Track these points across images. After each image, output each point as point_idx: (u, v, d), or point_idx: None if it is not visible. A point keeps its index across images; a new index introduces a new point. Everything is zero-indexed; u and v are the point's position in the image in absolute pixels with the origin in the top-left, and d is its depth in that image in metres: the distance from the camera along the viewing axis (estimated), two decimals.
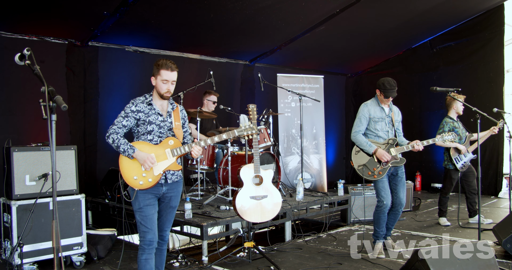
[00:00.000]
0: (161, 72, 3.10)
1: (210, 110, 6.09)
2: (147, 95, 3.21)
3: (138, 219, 3.08)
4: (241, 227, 4.72)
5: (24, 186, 3.93)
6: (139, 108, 3.11)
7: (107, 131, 3.06)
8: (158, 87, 3.12)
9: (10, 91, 5.32)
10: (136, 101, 3.15)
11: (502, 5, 7.89)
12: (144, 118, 3.10)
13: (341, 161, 9.71)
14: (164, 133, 3.16)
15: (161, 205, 3.19)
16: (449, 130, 5.57)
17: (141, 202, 3.06)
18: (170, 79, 3.12)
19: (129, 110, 3.10)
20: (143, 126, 3.11)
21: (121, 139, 3.02)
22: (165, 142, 3.13)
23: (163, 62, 3.10)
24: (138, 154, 3.02)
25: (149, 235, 3.05)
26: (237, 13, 5.91)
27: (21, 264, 3.78)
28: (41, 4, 4.89)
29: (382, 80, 4.34)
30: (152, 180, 3.05)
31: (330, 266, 4.18)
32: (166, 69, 3.10)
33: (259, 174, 3.88)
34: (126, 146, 3.00)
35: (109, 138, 3.04)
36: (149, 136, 3.12)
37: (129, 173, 3.04)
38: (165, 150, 3.11)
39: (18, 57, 2.10)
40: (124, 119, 3.09)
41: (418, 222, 6.03)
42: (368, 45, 8.30)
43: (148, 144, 3.10)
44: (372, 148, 4.31)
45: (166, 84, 3.12)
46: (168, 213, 3.23)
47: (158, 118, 3.15)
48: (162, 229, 3.23)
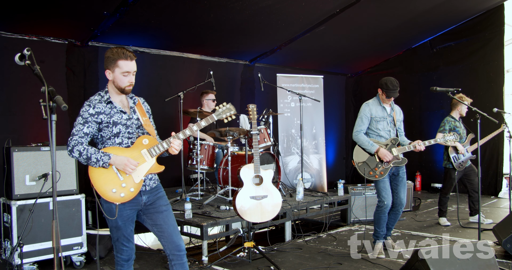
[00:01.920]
0: (119, 63, 2.64)
1: (211, 109, 6.09)
2: (101, 93, 2.72)
3: (114, 237, 2.71)
4: (241, 227, 4.72)
5: (24, 186, 3.93)
6: (98, 110, 2.64)
7: (67, 145, 2.60)
8: (118, 81, 2.67)
9: (10, 91, 5.32)
10: (92, 101, 2.66)
11: (502, 5, 7.89)
12: (107, 120, 2.65)
13: (341, 161, 9.71)
14: (134, 133, 2.74)
15: (153, 216, 2.76)
16: (450, 129, 5.58)
17: (119, 218, 2.64)
18: (131, 70, 2.68)
19: (87, 114, 2.61)
20: (107, 129, 2.66)
21: (89, 148, 2.57)
22: (139, 142, 2.71)
23: (119, 51, 2.65)
24: (115, 160, 2.58)
25: (127, 252, 2.74)
26: (237, 13, 5.91)
27: (21, 264, 3.77)
28: (41, 4, 4.89)
29: (384, 80, 4.33)
30: (134, 190, 2.64)
31: (330, 266, 4.17)
32: (125, 59, 2.65)
33: (259, 174, 3.88)
34: (98, 154, 2.57)
35: (74, 152, 2.57)
36: (117, 139, 2.68)
37: (105, 186, 2.59)
38: (141, 151, 2.69)
39: (18, 57, 2.10)
40: (83, 126, 2.61)
41: (418, 222, 6.03)
42: (368, 45, 8.29)
43: (119, 148, 2.67)
44: (374, 147, 4.31)
45: (128, 76, 2.68)
46: (166, 216, 2.77)
47: (122, 116, 2.71)
48: (172, 240, 2.74)
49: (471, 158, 5.71)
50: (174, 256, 2.75)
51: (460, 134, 5.62)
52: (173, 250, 2.75)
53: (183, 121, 5.56)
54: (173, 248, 2.74)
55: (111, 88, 2.74)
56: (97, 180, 2.61)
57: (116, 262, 2.77)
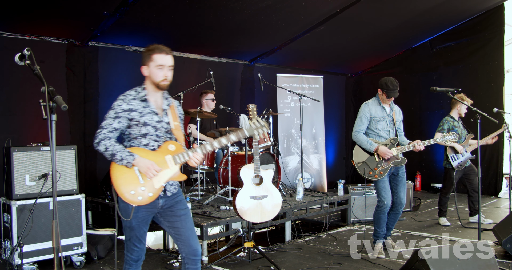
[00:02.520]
0: (153, 57, 2.61)
1: (211, 108, 6.09)
2: (138, 89, 2.68)
3: (127, 236, 2.67)
4: (241, 227, 4.71)
5: (24, 186, 3.93)
6: (131, 106, 2.60)
7: (95, 137, 2.58)
8: (153, 75, 2.62)
9: (10, 91, 5.32)
10: (126, 97, 2.62)
11: (502, 5, 7.89)
12: (138, 119, 2.60)
13: (341, 161, 9.71)
14: (162, 136, 2.68)
15: (170, 218, 2.71)
16: (449, 128, 5.59)
17: (134, 219, 2.61)
18: (166, 64, 2.62)
19: (120, 109, 2.59)
20: (137, 128, 2.61)
21: (116, 145, 2.55)
22: (165, 147, 2.66)
23: (154, 46, 2.63)
24: (139, 161, 2.54)
25: (137, 253, 2.71)
26: (237, 13, 5.91)
27: (21, 264, 3.77)
28: (41, 4, 4.89)
29: (384, 80, 4.33)
30: (152, 195, 2.60)
31: (330, 266, 4.17)
32: (160, 53, 2.61)
33: (259, 174, 3.88)
34: (124, 153, 2.53)
35: (100, 145, 2.55)
36: (143, 140, 2.63)
37: (125, 187, 2.56)
38: (165, 157, 2.63)
39: (18, 57, 2.10)
40: (114, 120, 2.58)
41: (418, 222, 6.03)
42: (368, 45, 8.29)
43: (144, 150, 2.61)
44: (373, 146, 4.31)
45: (162, 70, 2.62)
46: (183, 220, 2.71)
47: (153, 118, 2.65)
48: (190, 244, 2.68)
49: (471, 158, 5.71)
50: (190, 260, 2.71)
51: (459, 134, 5.62)
52: (189, 254, 2.70)
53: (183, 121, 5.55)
54: (189, 252, 2.70)
55: (148, 84, 2.69)
56: (118, 179, 2.57)
57: (125, 261, 2.75)
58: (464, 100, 5.28)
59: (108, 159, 2.59)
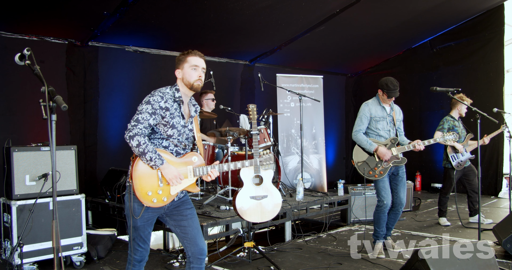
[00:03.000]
0: (188, 59, 2.68)
1: (211, 108, 6.09)
2: (173, 89, 2.66)
3: (131, 236, 2.66)
4: (241, 227, 4.71)
5: (24, 186, 3.93)
6: (168, 105, 2.58)
7: (129, 129, 2.49)
8: (187, 76, 2.66)
9: (10, 91, 5.32)
10: (165, 94, 2.59)
11: (502, 5, 7.90)
12: (168, 119, 2.58)
13: (341, 161, 9.71)
14: (182, 142, 2.69)
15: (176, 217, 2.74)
16: (449, 128, 5.59)
17: (139, 219, 2.62)
18: (201, 65, 2.70)
19: (158, 105, 2.54)
20: (163, 128, 2.59)
21: (148, 144, 2.49)
22: (189, 157, 2.70)
23: (189, 51, 2.72)
24: (166, 168, 2.55)
25: (141, 253, 2.72)
26: (237, 13, 5.91)
27: (21, 264, 3.77)
28: (41, 4, 4.89)
29: (384, 80, 4.33)
30: (166, 200, 2.62)
31: (330, 266, 4.17)
32: (194, 56, 2.71)
33: (259, 174, 3.88)
34: (155, 155, 2.50)
35: (133, 140, 2.46)
36: (165, 142, 2.63)
37: (144, 187, 2.55)
38: (187, 167, 2.68)
39: (18, 57, 2.10)
40: (151, 116, 2.52)
41: (418, 222, 6.03)
42: (368, 45, 8.29)
43: (170, 155, 2.63)
44: (373, 146, 4.31)
45: (197, 71, 2.68)
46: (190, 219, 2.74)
47: (180, 122, 2.64)
48: (196, 243, 2.71)
49: (470, 158, 5.71)
50: (195, 259, 2.72)
51: (459, 134, 5.62)
52: (195, 253, 2.72)
53: None
54: (195, 251, 2.72)
55: (181, 87, 2.70)
56: (139, 177, 2.54)
57: (128, 261, 2.75)
58: (464, 100, 5.29)
59: (135, 153, 2.53)
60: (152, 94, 2.59)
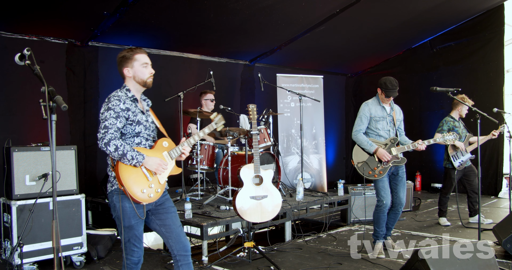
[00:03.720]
0: (136, 57, 2.71)
1: (210, 109, 6.09)
2: (123, 90, 2.73)
3: (126, 237, 2.65)
4: (241, 227, 4.72)
5: (24, 186, 3.93)
6: (127, 106, 2.65)
7: (101, 137, 2.54)
8: (140, 74, 2.72)
9: (10, 91, 5.32)
10: (121, 97, 2.66)
11: (502, 5, 7.89)
12: (132, 118, 2.66)
13: (341, 161, 9.71)
14: (151, 135, 2.79)
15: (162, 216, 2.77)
16: (449, 129, 5.59)
17: (132, 218, 2.61)
18: (149, 62, 2.75)
19: (119, 108, 2.60)
20: (130, 127, 2.66)
21: (125, 145, 2.55)
22: (159, 145, 2.77)
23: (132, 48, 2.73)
24: (148, 160, 2.60)
25: (138, 253, 2.70)
26: (237, 13, 5.91)
27: (21, 264, 3.78)
28: (41, 4, 4.89)
29: (384, 80, 4.34)
30: (160, 190, 2.68)
31: (330, 266, 4.17)
32: (142, 53, 2.73)
33: (259, 174, 3.88)
34: (134, 152, 2.55)
35: (110, 146, 2.51)
36: (136, 139, 2.70)
37: (135, 186, 2.57)
38: (162, 153, 2.75)
39: (18, 57, 2.10)
40: (117, 120, 2.58)
41: (418, 222, 6.03)
42: (368, 45, 8.29)
43: (144, 149, 2.69)
44: (373, 147, 4.31)
45: (148, 68, 2.74)
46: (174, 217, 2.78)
47: (142, 117, 2.73)
48: (181, 240, 2.74)
49: (471, 158, 5.71)
50: (181, 257, 2.74)
51: (460, 134, 5.62)
52: (180, 250, 2.74)
53: (183, 121, 5.57)
54: (180, 248, 2.74)
55: (132, 86, 2.76)
56: (127, 180, 2.56)
57: (125, 266, 2.71)
58: (465, 101, 5.28)
59: (115, 158, 2.56)
60: (109, 100, 2.65)
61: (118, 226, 2.67)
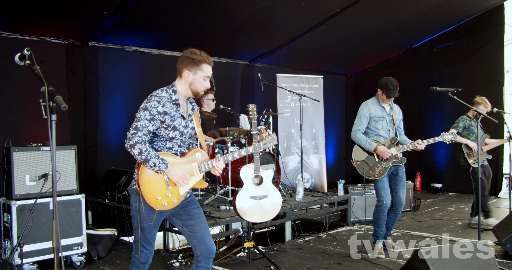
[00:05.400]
0: (203, 67, 2.63)
1: (211, 108, 6.09)
2: (169, 91, 2.60)
3: (136, 237, 2.62)
4: (241, 227, 4.72)
5: (24, 186, 3.93)
6: (166, 109, 2.54)
7: (129, 138, 2.47)
8: (197, 85, 2.63)
9: (10, 91, 5.32)
10: (161, 99, 2.53)
11: (502, 5, 7.90)
12: (169, 123, 2.55)
13: (341, 161, 9.71)
14: (185, 142, 2.67)
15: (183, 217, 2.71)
16: (464, 127, 5.60)
17: (145, 221, 2.58)
18: (210, 75, 2.68)
19: (156, 111, 2.50)
20: (165, 131, 2.57)
21: (150, 151, 2.47)
22: (192, 155, 2.67)
23: (203, 55, 2.64)
24: (171, 170, 2.53)
25: (146, 255, 2.68)
26: (237, 13, 5.91)
27: (21, 264, 3.78)
28: (41, 4, 4.89)
29: (384, 80, 4.33)
30: (177, 201, 2.60)
31: (330, 266, 4.17)
32: (209, 64, 2.66)
33: (259, 174, 3.88)
34: (158, 160, 2.48)
35: (135, 148, 2.44)
36: (168, 143, 2.61)
37: (153, 192, 2.52)
38: (192, 164, 2.65)
39: (18, 57, 2.10)
40: (150, 123, 2.48)
41: (418, 222, 6.03)
42: (368, 45, 8.29)
43: (173, 156, 2.61)
44: (372, 146, 4.31)
45: (207, 81, 2.65)
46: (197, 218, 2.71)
47: (181, 122, 2.61)
48: (205, 241, 2.67)
49: (487, 157, 5.67)
50: (204, 258, 2.68)
51: (475, 134, 5.60)
52: (204, 252, 2.68)
53: None
54: (204, 250, 2.68)
55: (182, 89, 2.66)
56: (146, 183, 2.51)
57: (132, 263, 2.70)
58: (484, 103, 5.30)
59: (138, 161, 2.51)
60: (149, 100, 2.54)
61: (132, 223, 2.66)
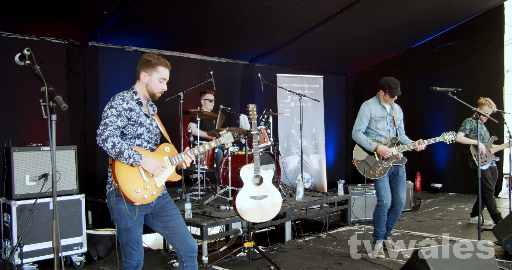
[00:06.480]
0: (159, 69, 2.71)
1: (209, 109, 6.10)
2: (129, 92, 2.72)
3: (123, 240, 2.62)
4: (241, 227, 4.72)
5: (24, 186, 3.93)
6: (131, 106, 2.64)
7: (100, 134, 2.52)
8: (153, 86, 2.72)
9: (10, 91, 5.32)
10: (125, 97, 2.65)
11: (502, 5, 7.90)
12: (135, 119, 2.65)
13: (341, 161, 9.71)
14: (153, 139, 2.78)
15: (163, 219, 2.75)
16: (471, 129, 5.55)
17: (129, 220, 2.59)
18: (167, 78, 2.76)
19: (121, 107, 2.59)
20: (132, 128, 2.65)
21: (123, 143, 2.53)
22: (161, 149, 2.76)
23: (160, 58, 2.72)
24: (146, 161, 2.58)
25: (137, 257, 2.66)
26: (237, 13, 5.91)
27: (21, 264, 3.78)
28: (41, 4, 4.89)
29: (385, 80, 4.33)
30: (155, 193, 2.65)
31: (330, 266, 4.17)
32: (165, 67, 2.73)
33: (259, 174, 3.88)
34: (131, 151, 2.53)
35: (107, 142, 2.49)
36: (137, 140, 2.68)
37: (130, 185, 2.55)
38: (163, 157, 2.73)
39: (18, 57, 2.10)
40: (117, 118, 2.56)
41: (418, 222, 6.03)
42: (368, 45, 8.29)
43: (145, 150, 2.68)
44: (373, 145, 4.31)
45: (162, 83, 2.74)
46: (177, 219, 2.76)
47: (146, 120, 2.73)
48: (186, 241, 2.72)
49: (495, 159, 5.63)
50: (187, 258, 2.72)
51: (482, 135, 5.58)
52: (186, 251, 2.72)
53: (183, 121, 5.57)
54: (187, 249, 2.72)
55: (140, 90, 2.75)
56: (123, 178, 2.55)
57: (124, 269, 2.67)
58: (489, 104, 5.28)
59: (113, 156, 2.55)
60: (113, 99, 2.63)
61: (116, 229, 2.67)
